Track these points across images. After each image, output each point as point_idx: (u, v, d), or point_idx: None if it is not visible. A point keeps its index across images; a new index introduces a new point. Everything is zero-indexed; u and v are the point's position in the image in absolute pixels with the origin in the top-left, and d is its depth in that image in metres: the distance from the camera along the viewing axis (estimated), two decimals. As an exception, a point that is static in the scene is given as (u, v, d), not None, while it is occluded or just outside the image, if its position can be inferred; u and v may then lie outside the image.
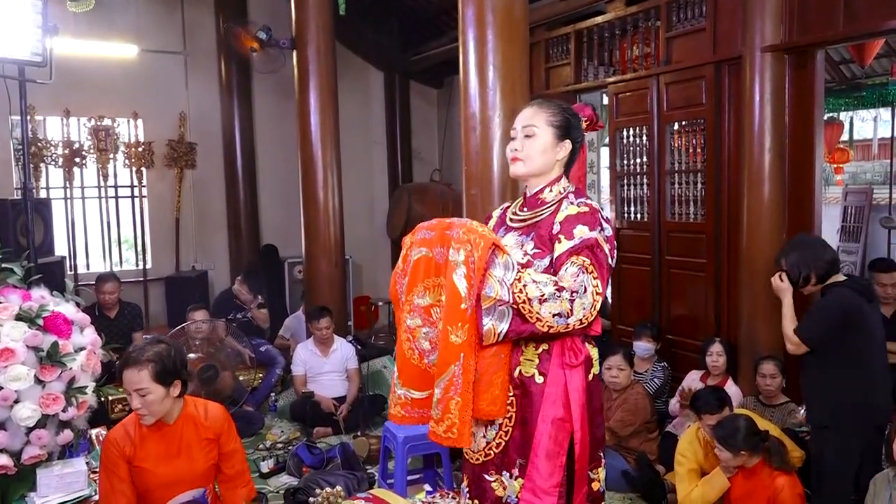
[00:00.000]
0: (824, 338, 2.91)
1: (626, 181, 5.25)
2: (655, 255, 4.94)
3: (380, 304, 7.64)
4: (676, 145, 4.82)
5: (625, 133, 5.21)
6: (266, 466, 4.09)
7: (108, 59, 6.35)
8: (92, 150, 6.49)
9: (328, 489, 3.08)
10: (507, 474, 1.94)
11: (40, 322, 2.41)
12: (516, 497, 1.92)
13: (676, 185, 4.82)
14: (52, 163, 6.36)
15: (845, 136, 9.10)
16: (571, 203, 1.94)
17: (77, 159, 6.44)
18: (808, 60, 3.97)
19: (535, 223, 1.98)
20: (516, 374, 1.93)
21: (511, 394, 1.93)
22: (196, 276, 6.82)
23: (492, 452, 1.96)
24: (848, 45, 6.56)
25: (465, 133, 3.43)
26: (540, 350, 1.92)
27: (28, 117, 3.34)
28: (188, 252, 7.12)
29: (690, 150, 4.72)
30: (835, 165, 9.11)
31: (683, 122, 4.73)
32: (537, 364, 1.92)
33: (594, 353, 2.00)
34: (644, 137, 5.03)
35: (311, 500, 3.03)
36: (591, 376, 1.97)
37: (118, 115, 6.60)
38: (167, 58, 6.87)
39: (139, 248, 6.91)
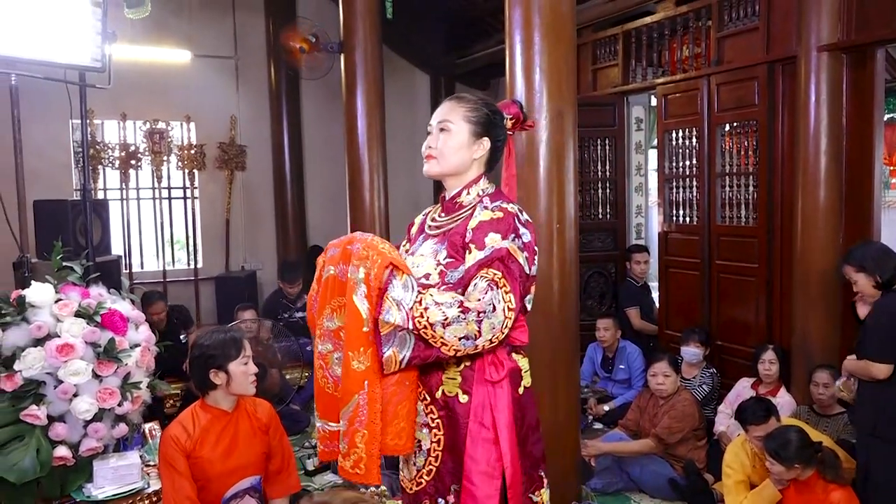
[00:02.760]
0: (884, 345, 2.83)
1: (674, 184, 5.16)
2: (705, 259, 4.84)
3: (424, 305, 7.67)
4: (727, 147, 4.72)
5: (673, 135, 5.12)
6: (311, 464, 4.14)
7: (162, 64, 6.53)
8: (147, 153, 6.70)
9: (372, 488, 3.10)
10: (443, 501, 1.79)
11: (98, 319, 2.49)
12: None
13: (727, 188, 4.72)
14: (110, 165, 6.58)
15: (906, 138, 8.76)
16: (486, 208, 1.77)
17: (133, 161, 6.65)
18: (867, 59, 3.84)
19: (450, 230, 1.83)
20: (439, 394, 1.78)
21: (436, 416, 1.78)
22: (245, 276, 6.96)
23: (423, 480, 1.81)
24: (910, 44, 6.32)
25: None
26: (462, 367, 1.77)
27: (87, 121, 3.46)
28: (238, 252, 7.27)
29: (742, 153, 4.61)
30: (891, 168, 8.78)
31: (735, 124, 4.63)
32: (460, 382, 1.76)
33: (524, 363, 1.85)
34: (693, 139, 4.93)
35: (356, 499, 3.06)
36: (521, 389, 1.82)
37: (172, 119, 6.79)
38: (218, 62, 7.03)
39: (191, 247, 7.09)
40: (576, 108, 3.35)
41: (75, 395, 2.37)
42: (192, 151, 6.89)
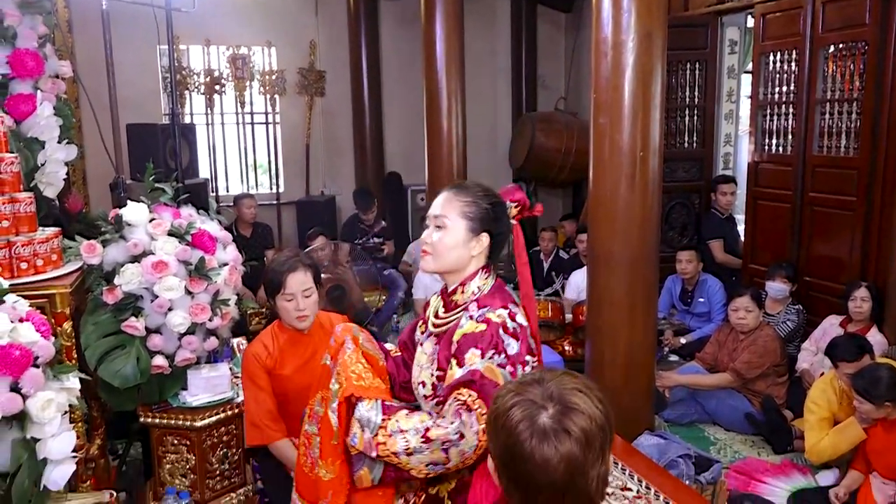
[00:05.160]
0: None
1: (768, 111, 4.87)
2: (797, 190, 4.60)
3: (499, 234, 7.66)
4: (830, 71, 4.38)
5: (770, 58, 4.80)
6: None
7: (243, -11, 6.56)
8: (230, 79, 6.82)
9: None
10: None
11: (189, 238, 2.60)
12: None
13: (826, 116, 4.41)
14: (195, 90, 6.75)
15: None
16: (471, 317, 1.66)
17: (217, 87, 6.80)
18: None
19: (442, 334, 1.74)
20: (434, 491, 1.73)
21: None
22: (324, 202, 7.11)
23: None
24: None
25: (596, 58, 3.28)
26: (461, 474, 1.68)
27: (174, 46, 3.54)
28: (317, 177, 7.41)
29: (847, 77, 4.28)
30: None
31: (840, 46, 4.28)
32: (451, 488, 1.71)
33: None
34: (793, 63, 4.61)
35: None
36: None
37: (253, 44, 6.86)
38: (299, -14, 7.01)
39: (272, 172, 7.28)
40: (666, 29, 3.18)
41: (170, 310, 2.51)
42: (273, 77, 6.97)
